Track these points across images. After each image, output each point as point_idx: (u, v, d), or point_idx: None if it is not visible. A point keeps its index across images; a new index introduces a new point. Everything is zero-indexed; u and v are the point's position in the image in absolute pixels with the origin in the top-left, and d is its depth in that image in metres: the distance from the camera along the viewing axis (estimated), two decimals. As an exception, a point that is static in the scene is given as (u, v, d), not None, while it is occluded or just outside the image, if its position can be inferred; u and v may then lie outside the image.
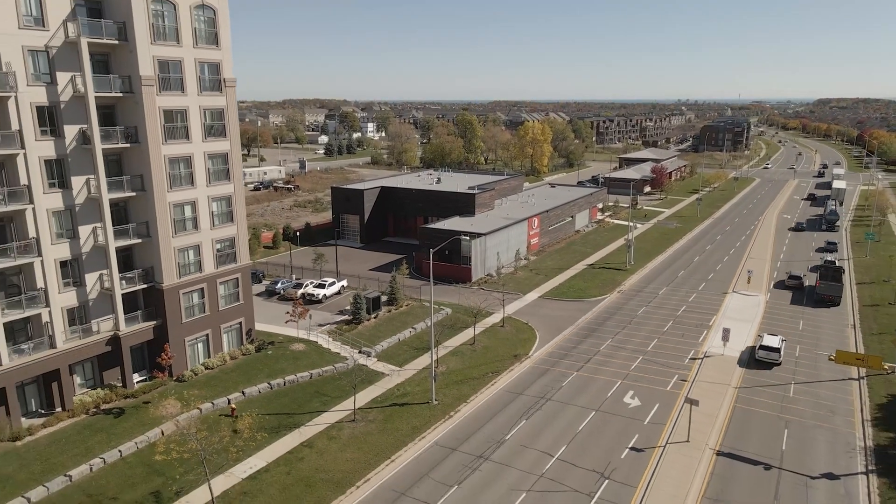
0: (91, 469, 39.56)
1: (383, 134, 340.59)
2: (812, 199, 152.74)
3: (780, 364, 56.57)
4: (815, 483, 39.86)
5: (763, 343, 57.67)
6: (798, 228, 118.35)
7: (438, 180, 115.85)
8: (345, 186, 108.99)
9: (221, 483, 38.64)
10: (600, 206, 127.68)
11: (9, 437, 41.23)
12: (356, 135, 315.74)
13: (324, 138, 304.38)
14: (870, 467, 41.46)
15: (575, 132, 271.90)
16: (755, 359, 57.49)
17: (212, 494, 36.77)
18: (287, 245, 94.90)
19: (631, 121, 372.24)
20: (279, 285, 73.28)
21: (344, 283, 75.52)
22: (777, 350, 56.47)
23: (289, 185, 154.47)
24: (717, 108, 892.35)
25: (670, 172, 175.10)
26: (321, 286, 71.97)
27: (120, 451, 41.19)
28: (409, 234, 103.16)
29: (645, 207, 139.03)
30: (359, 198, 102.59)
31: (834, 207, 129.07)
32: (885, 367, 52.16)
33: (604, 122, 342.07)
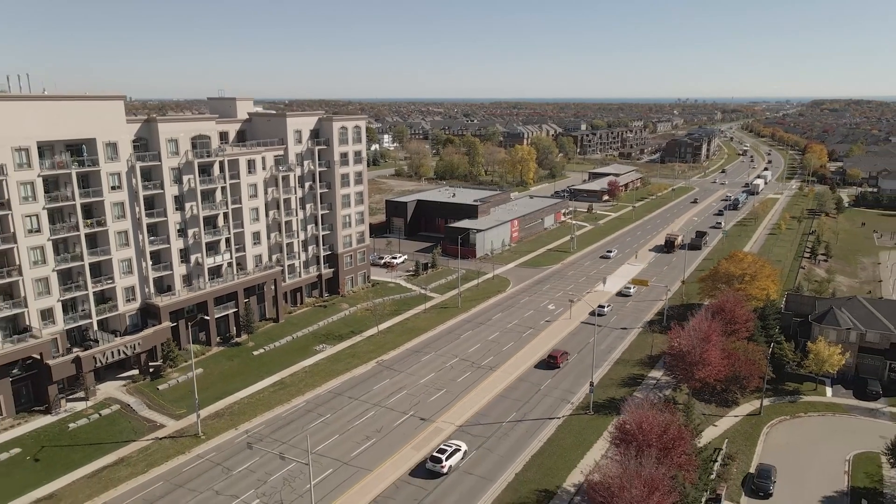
0: (325, 323, 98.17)
1: (398, 144, 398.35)
2: (728, 199, 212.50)
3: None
4: (621, 331, 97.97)
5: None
6: (706, 207, 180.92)
7: (454, 195, 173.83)
8: (393, 199, 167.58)
9: (376, 330, 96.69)
10: (564, 211, 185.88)
11: (287, 312, 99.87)
12: (374, 146, 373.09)
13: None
14: (645, 327, 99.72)
15: (560, 147, 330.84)
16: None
17: (378, 328, 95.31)
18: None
19: (613, 132, 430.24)
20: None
21: (405, 256, 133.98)
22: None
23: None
24: (708, 111, 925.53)
25: (624, 185, 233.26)
26: (394, 258, 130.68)
27: (332, 318, 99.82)
28: (436, 230, 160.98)
29: (597, 212, 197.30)
30: (403, 207, 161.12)
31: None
32: (649, 284, 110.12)
33: (587, 135, 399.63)
